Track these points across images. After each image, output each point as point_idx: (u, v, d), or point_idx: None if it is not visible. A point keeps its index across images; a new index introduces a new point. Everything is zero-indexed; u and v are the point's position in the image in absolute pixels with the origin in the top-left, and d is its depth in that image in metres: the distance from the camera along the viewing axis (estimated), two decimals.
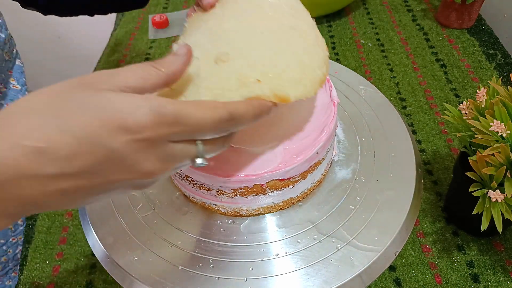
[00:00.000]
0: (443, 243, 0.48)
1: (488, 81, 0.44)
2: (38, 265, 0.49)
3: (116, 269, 0.39)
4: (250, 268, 0.37)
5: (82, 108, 0.22)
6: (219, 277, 0.37)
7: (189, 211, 0.42)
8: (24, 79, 0.60)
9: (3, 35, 0.53)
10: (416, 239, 0.49)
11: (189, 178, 0.39)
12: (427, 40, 0.76)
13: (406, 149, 0.45)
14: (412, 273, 0.46)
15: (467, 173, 0.41)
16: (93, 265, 0.49)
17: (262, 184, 0.37)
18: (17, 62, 0.59)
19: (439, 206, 0.52)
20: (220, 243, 0.39)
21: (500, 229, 0.38)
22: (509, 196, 0.38)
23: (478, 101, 0.42)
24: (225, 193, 0.38)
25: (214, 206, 0.41)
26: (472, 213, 0.40)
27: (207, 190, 0.39)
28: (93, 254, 0.47)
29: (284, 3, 0.39)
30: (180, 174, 0.39)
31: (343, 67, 0.56)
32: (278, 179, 0.38)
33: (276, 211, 0.42)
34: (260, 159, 0.38)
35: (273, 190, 0.39)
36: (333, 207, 0.42)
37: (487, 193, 0.39)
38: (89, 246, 0.42)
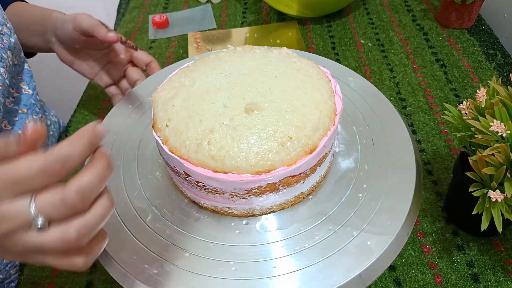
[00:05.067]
0: (443, 243, 0.48)
1: (488, 81, 0.44)
2: (38, 265, 0.49)
3: (117, 269, 0.38)
4: (273, 266, 0.37)
5: None
6: (244, 279, 0.37)
7: (200, 217, 0.42)
8: (34, 83, 0.60)
9: (12, 40, 0.54)
10: (416, 239, 0.49)
11: (200, 184, 0.38)
12: (427, 40, 0.76)
13: (406, 149, 0.46)
14: (412, 273, 0.46)
15: (467, 173, 0.41)
16: (93, 265, 0.49)
17: (275, 183, 0.38)
18: (25, 66, 0.59)
19: (439, 206, 0.52)
20: (238, 245, 0.39)
21: (500, 229, 0.38)
22: (509, 196, 0.38)
23: (478, 101, 0.42)
24: (238, 195, 0.38)
25: (227, 209, 0.41)
26: (472, 213, 0.40)
27: (219, 194, 0.39)
28: None
29: (278, 51, 0.46)
30: (190, 181, 0.39)
31: (328, 60, 0.57)
32: (290, 176, 0.38)
33: (288, 207, 0.42)
34: None
35: (285, 187, 0.39)
36: (342, 197, 0.42)
37: (487, 193, 0.39)
38: None
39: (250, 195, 0.38)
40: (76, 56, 0.58)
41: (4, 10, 0.60)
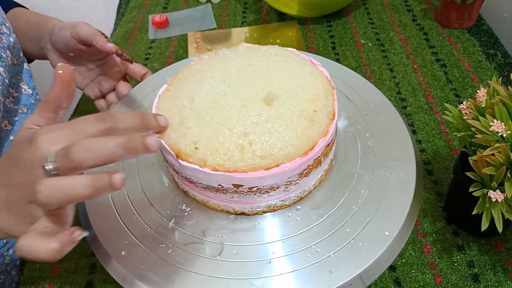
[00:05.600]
0: (443, 243, 0.48)
1: (488, 81, 0.44)
2: (38, 265, 0.49)
3: (117, 269, 0.38)
4: (347, 230, 0.39)
5: None
6: (332, 254, 0.38)
7: (256, 223, 0.41)
8: (34, 83, 0.60)
9: (11, 39, 0.54)
10: (416, 239, 0.49)
11: (254, 189, 0.38)
12: (427, 40, 0.76)
13: (406, 149, 0.46)
14: (412, 273, 0.46)
15: (467, 173, 0.41)
16: (93, 265, 0.49)
17: (319, 156, 0.39)
18: (25, 65, 0.59)
19: (439, 206, 0.52)
20: (306, 229, 0.40)
21: (500, 229, 0.38)
22: (509, 196, 0.38)
23: (478, 101, 0.42)
24: (293, 182, 0.39)
25: (280, 203, 0.41)
26: (472, 213, 0.40)
27: (274, 190, 0.39)
28: (93, 254, 0.47)
29: (241, 47, 0.48)
30: (242, 191, 0.38)
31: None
32: (327, 145, 0.40)
33: (323, 178, 0.44)
34: None
35: (324, 157, 0.41)
36: (358, 150, 0.46)
37: (487, 193, 0.39)
38: (89, 246, 0.41)
39: (302, 177, 0.39)
40: (69, 64, 0.57)
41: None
